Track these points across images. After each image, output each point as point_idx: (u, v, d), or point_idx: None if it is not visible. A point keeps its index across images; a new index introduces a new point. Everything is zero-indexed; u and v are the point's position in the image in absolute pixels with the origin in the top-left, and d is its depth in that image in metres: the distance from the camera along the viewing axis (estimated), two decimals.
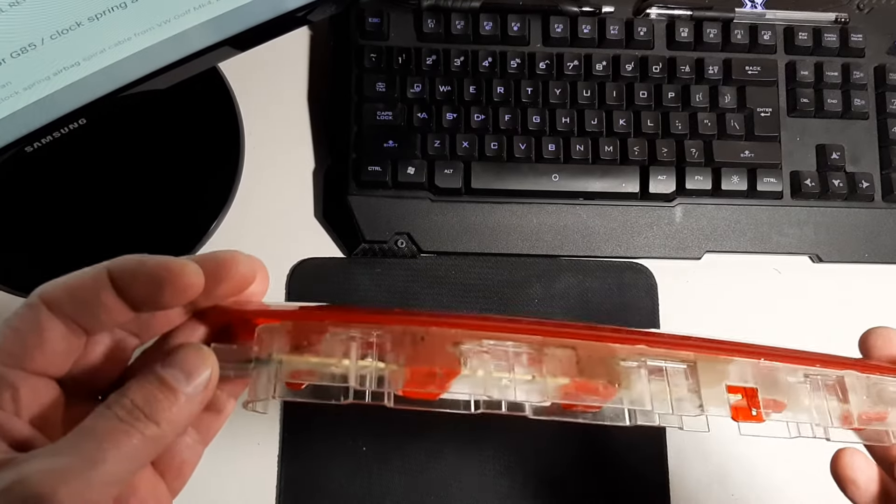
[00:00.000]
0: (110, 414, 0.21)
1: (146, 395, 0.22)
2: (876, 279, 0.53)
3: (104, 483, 0.20)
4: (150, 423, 0.21)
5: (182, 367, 0.22)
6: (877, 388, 0.29)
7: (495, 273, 0.51)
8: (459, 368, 0.25)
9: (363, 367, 0.25)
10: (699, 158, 0.52)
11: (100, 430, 0.21)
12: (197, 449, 0.26)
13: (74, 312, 0.22)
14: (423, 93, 0.51)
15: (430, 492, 0.46)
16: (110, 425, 0.21)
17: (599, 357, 0.26)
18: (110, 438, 0.21)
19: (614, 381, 0.26)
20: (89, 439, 0.21)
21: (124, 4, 0.34)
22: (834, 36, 0.54)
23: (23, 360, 0.22)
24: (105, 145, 0.49)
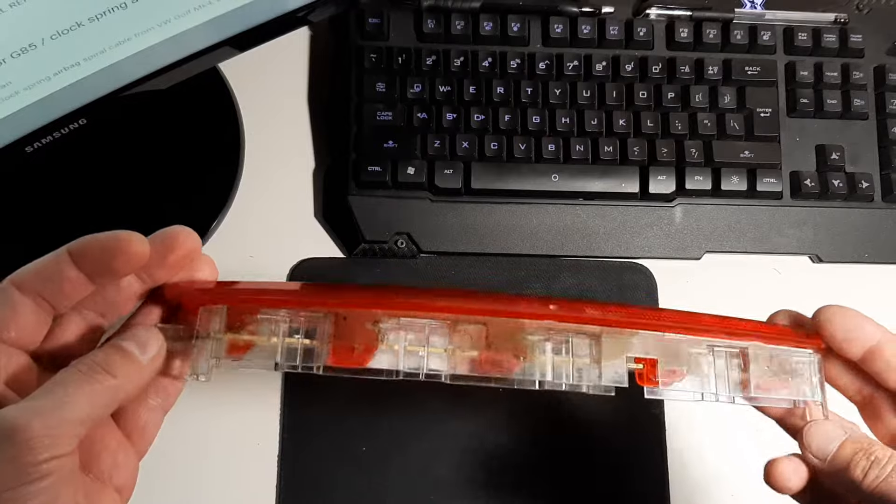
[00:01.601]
0: (74, 369, 0.25)
1: (106, 357, 0.26)
2: (876, 279, 0.53)
3: (71, 421, 0.23)
4: (108, 376, 0.25)
5: (136, 342, 0.26)
6: (779, 359, 0.32)
7: (495, 273, 0.51)
8: (377, 345, 0.29)
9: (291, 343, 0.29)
10: (699, 159, 0.52)
11: (66, 380, 0.24)
12: (158, 412, 0.29)
13: (41, 289, 0.26)
14: (423, 93, 0.51)
15: (430, 492, 0.46)
16: (75, 376, 0.25)
17: (508, 331, 0.29)
18: (76, 385, 0.24)
19: (519, 353, 0.29)
20: (58, 387, 0.24)
21: (124, 5, 0.34)
22: (833, 36, 0.54)
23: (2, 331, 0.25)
24: (105, 145, 0.49)
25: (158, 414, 0.29)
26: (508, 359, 0.29)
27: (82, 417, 0.24)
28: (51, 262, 0.26)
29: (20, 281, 0.26)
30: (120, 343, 0.26)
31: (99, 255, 0.26)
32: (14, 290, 0.26)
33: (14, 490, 0.22)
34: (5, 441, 0.22)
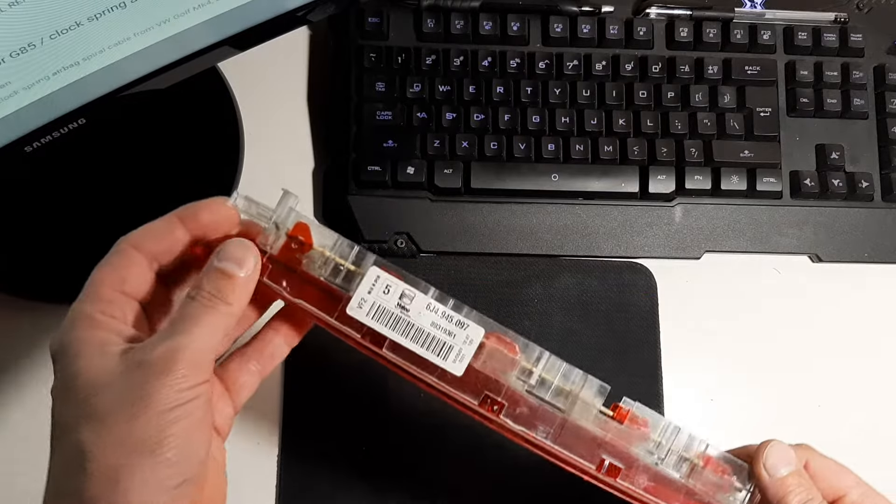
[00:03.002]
0: (196, 303, 0.28)
1: (216, 284, 0.29)
2: (876, 279, 0.53)
3: (206, 350, 0.28)
4: (223, 303, 0.29)
5: (234, 261, 0.30)
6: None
7: (495, 273, 0.51)
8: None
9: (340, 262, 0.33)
10: (699, 158, 0.52)
11: (189, 314, 0.28)
12: (256, 377, 0.34)
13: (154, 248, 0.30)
14: (422, 93, 0.51)
15: (430, 492, 0.46)
16: (198, 310, 0.28)
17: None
18: (199, 318, 0.28)
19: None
20: (185, 322, 0.28)
21: (124, 4, 0.34)
22: (833, 36, 0.54)
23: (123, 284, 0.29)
24: (105, 145, 0.49)
25: (255, 378, 0.34)
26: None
27: (213, 345, 0.28)
28: (163, 225, 0.30)
29: (137, 242, 0.30)
30: (222, 267, 0.29)
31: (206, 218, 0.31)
32: (132, 251, 0.30)
33: (175, 408, 0.26)
34: (162, 373, 0.26)
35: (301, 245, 0.33)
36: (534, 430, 0.33)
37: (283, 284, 0.32)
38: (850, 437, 0.50)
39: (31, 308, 0.48)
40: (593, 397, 0.33)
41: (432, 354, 0.32)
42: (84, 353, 0.27)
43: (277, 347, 0.34)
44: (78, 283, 0.49)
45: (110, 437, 0.25)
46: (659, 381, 0.49)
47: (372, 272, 0.33)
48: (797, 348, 0.52)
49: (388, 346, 0.32)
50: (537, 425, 0.33)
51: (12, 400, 0.47)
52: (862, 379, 0.52)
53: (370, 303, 0.32)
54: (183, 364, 0.27)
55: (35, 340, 0.48)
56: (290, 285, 0.32)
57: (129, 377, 0.26)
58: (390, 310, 0.32)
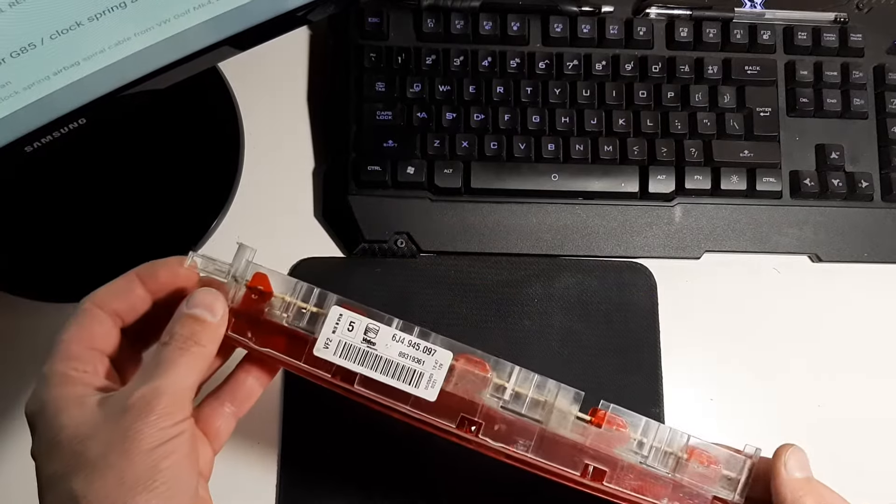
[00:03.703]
0: (168, 347, 0.30)
1: (189, 328, 0.30)
2: (875, 279, 0.53)
3: (186, 389, 0.29)
4: (197, 345, 0.30)
5: (204, 307, 0.31)
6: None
7: (495, 273, 0.51)
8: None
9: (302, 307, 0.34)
10: (698, 158, 0.52)
11: (164, 359, 0.29)
12: (231, 419, 0.34)
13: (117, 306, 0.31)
14: (422, 92, 0.51)
15: (431, 493, 0.46)
16: (174, 353, 0.29)
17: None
18: (175, 360, 0.29)
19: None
20: (160, 366, 0.29)
21: (124, 4, 0.34)
22: (833, 36, 0.54)
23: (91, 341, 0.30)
24: (105, 145, 0.49)
25: (231, 420, 0.34)
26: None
27: (190, 383, 0.29)
28: (123, 284, 0.32)
29: (100, 301, 0.31)
30: (193, 313, 0.31)
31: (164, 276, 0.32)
32: (97, 309, 0.31)
33: (162, 446, 0.27)
34: (145, 413, 0.27)
35: (261, 294, 0.33)
36: (514, 445, 0.33)
37: (248, 335, 0.33)
38: (850, 437, 0.50)
39: (31, 308, 0.48)
40: (569, 405, 0.33)
41: (403, 384, 0.33)
42: (64, 409, 0.28)
43: (251, 388, 0.35)
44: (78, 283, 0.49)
45: (103, 482, 0.26)
46: (659, 381, 0.49)
47: (334, 311, 0.33)
48: (797, 348, 0.52)
49: (359, 382, 0.33)
50: (516, 439, 0.33)
51: (13, 399, 0.47)
52: (862, 379, 0.52)
53: (336, 341, 0.33)
54: (163, 403, 0.28)
55: (36, 340, 0.48)
56: (254, 335, 0.33)
57: (112, 423, 0.27)
58: (357, 346, 0.33)
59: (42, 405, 0.29)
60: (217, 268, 0.33)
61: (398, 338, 0.33)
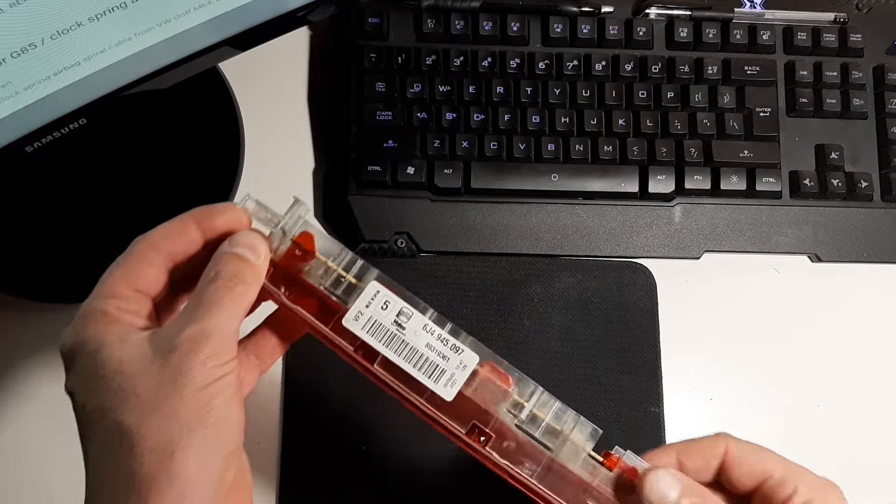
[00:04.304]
0: (213, 285, 0.29)
1: (233, 268, 0.30)
2: (875, 278, 0.53)
3: (233, 330, 0.29)
4: (241, 284, 0.30)
5: (246, 246, 0.31)
6: None
7: (495, 273, 0.51)
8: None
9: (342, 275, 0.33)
10: (698, 158, 0.52)
11: (209, 297, 0.29)
12: (255, 372, 0.34)
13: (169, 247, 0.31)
14: (422, 93, 0.51)
15: (430, 492, 0.47)
16: (217, 292, 0.29)
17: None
18: (220, 299, 0.29)
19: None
20: (206, 305, 0.29)
21: (124, 4, 0.34)
22: (833, 36, 0.55)
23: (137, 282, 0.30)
24: (105, 145, 0.49)
25: (255, 373, 0.34)
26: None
27: (236, 324, 0.29)
28: (178, 226, 0.31)
29: (154, 242, 0.31)
30: (237, 252, 0.30)
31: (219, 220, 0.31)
32: (150, 250, 0.30)
33: (212, 385, 0.27)
34: (194, 353, 0.27)
35: (304, 253, 0.32)
36: (519, 466, 0.32)
37: (283, 290, 0.32)
38: (850, 436, 0.50)
39: (31, 308, 0.48)
40: (584, 440, 0.32)
41: (424, 376, 0.32)
42: (107, 345, 0.28)
43: (273, 346, 0.35)
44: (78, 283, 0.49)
45: (157, 418, 0.26)
46: (658, 381, 0.49)
47: (372, 286, 0.32)
48: (797, 348, 0.52)
49: (380, 363, 0.32)
50: (523, 461, 0.32)
51: (14, 399, 0.47)
52: (861, 379, 0.52)
53: (367, 316, 0.32)
54: (212, 343, 0.28)
55: (36, 340, 0.48)
56: (288, 291, 0.32)
57: (160, 360, 0.27)
58: (386, 326, 0.32)
59: (82, 340, 0.28)
60: (268, 216, 0.33)
61: (429, 328, 0.32)
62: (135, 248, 0.31)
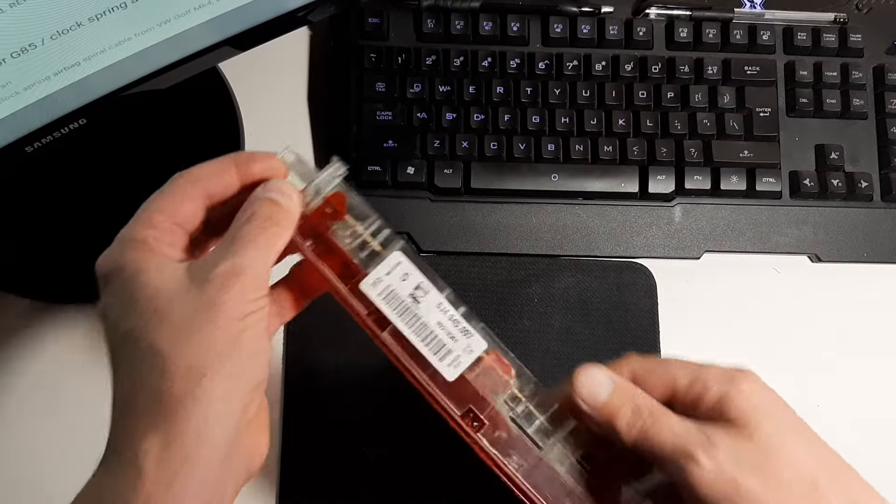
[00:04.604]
0: (249, 225, 0.30)
1: (267, 210, 0.31)
2: (875, 279, 0.53)
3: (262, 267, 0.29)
4: (274, 226, 0.30)
5: (279, 192, 0.31)
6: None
7: (495, 273, 0.51)
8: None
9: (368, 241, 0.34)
10: (698, 158, 0.52)
11: (244, 235, 0.30)
12: (276, 320, 0.34)
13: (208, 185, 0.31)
14: (422, 93, 0.51)
15: (431, 493, 0.47)
16: (252, 231, 0.30)
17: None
18: (256, 238, 0.30)
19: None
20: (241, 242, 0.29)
21: (124, 5, 0.34)
22: (833, 36, 0.54)
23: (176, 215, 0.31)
24: (105, 145, 0.49)
25: (276, 322, 0.34)
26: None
27: (269, 263, 0.30)
28: (218, 166, 0.32)
29: (194, 177, 0.31)
30: (271, 196, 0.31)
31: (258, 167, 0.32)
32: (189, 185, 0.31)
33: (246, 317, 0.28)
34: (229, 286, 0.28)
35: (334, 212, 0.33)
36: (506, 458, 0.32)
37: (309, 243, 0.33)
38: (850, 436, 0.50)
39: (31, 308, 0.48)
40: (576, 449, 0.33)
41: (430, 352, 0.32)
42: (144, 271, 0.29)
43: (285, 305, 0.35)
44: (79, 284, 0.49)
45: (189, 342, 0.27)
46: None
47: (395, 256, 0.33)
48: (796, 348, 0.52)
49: (390, 332, 0.32)
50: (511, 455, 0.32)
51: (14, 399, 0.47)
52: (861, 379, 0.52)
53: (385, 284, 0.32)
54: (247, 278, 0.28)
55: (36, 340, 0.48)
56: (314, 246, 0.33)
57: (196, 290, 0.28)
58: (402, 297, 0.32)
59: (119, 266, 0.29)
60: (305, 171, 0.33)
61: (443, 307, 0.33)
62: (175, 182, 0.31)
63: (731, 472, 0.28)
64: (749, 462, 0.29)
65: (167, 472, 0.26)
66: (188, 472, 0.26)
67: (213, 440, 0.27)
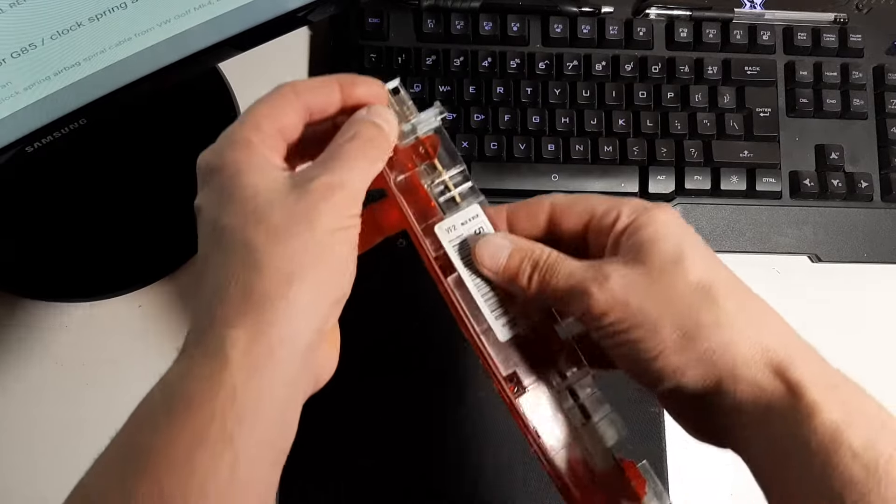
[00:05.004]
0: (350, 144, 0.30)
1: (368, 132, 0.31)
2: (875, 279, 0.53)
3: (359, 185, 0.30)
4: (374, 149, 0.31)
5: (382, 118, 0.31)
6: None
7: None
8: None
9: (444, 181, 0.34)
10: (698, 158, 0.52)
11: (345, 153, 0.30)
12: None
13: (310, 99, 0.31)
14: (422, 93, 0.51)
15: (430, 492, 0.46)
16: (353, 150, 0.30)
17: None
18: (356, 157, 0.30)
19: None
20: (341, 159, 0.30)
21: (124, 5, 0.34)
22: (833, 36, 0.54)
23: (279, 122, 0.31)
24: (105, 145, 0.49)
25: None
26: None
27: (366, 182, 0.30)
28: (323, 83, 0.32)
29: (299, 89, 0.31)
30: (375, 120, 0.31)
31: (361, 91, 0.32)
32: (293, 95, 0.31)
33: (339, 231, 0.28)
34: (327, 198, 0.28)
35: (425, 153, 0.34)
36: (542, 432, 0.32)
37: (394, 175, 0.33)
38: None
39: (31, 307, 0.48)
40: (611, 435, 0.33)
41: (487, 309, 0.33)
42: (246, 171, 0.29)
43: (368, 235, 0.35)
44: (79, 283, 0.49)
45: (284, 244, 0.27)
46: None
47: (474, 208, 0.33)
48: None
49: (454, 280, 0.33)
50: (549, 430, 0.32)
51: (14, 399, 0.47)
52: (861, 379, 0.51)
53: (458, 232, 0.33)
54: (344, 194, 0.29)
55: (36, 340, 0.48)
56: (399, 179, 0.33)
57: (296, 197, 0.28)
58: (472, 247, 0.33)
59: (222, 162, 0.30)
60: (406, 107, 0.34)
61: None
62: (279, 90, 0.31)
63: (622, 297, 0.30)
64: (641, 283, 0.30)
65: (253, 364, 0.26)
66: (273, 367, 0.27)
67: (296, 342, 0.27)
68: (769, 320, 0.32)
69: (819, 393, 0.28)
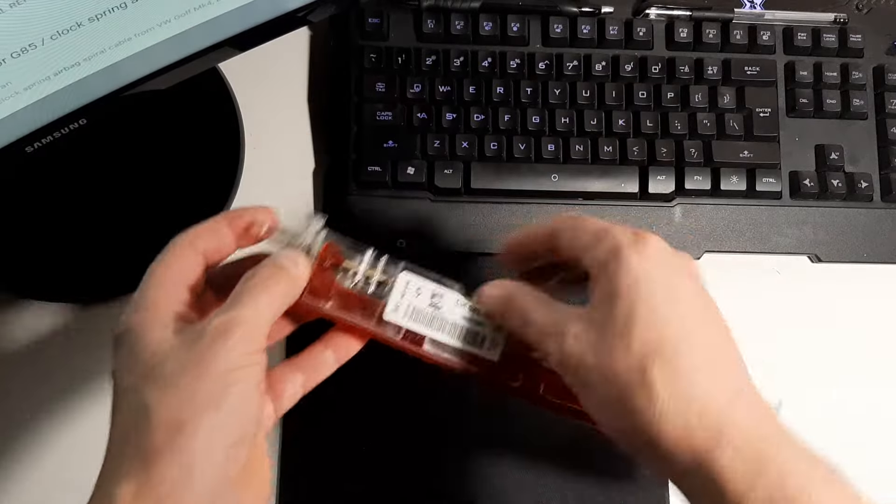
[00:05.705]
0: (250, 283, 0.31)
1: (271, 272, 0.32)
2: (875, 279, 0.53)
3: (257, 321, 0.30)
4: (276, 286, 0.31)
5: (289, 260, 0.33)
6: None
7: (495, 274, 0.50)
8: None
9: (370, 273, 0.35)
10: (698, 158, 0.52)
11: (245, 290, 0.31)
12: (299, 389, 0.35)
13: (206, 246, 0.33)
14: (422, 93, 0.51)
15: (430, 492, 0.47)
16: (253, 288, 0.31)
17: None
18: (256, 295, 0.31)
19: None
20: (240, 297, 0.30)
21: (124, 5, 0.34)
22: (833, 36, 0.55)
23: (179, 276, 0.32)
24: (105, 146, 0.49)
25: (299, 390, 0.35)
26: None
27: (268, 318, 0.31)
28: (213, 226, 0.33)
29: (192, 238, 0.32)
30: (279, 261, 0.32)
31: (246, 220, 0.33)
32: (187, 245, 0.32)
33: (234, 371, 0.28)
34: (221, 338, 0.29)
35: (332, 263, 0.35)
36: (573, 402, 0.33)
37: (321, 302, 0.34)
38: (850, 436, 0.50)
39: (31, 308, 0.48)
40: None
41: (469, 345, 0.35)
42: (147, 331, 0.30)
43: (325, 361, 0.36)
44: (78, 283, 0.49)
45: (174, 395, 0.28)
46: None
47: (402, 278, 0.35)
48: (796, 348, 0.52)
49: (428, 343, 0.35)
50: (578, 411, 0.33)
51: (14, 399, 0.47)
52: (861, 379, 0.52)
53: (405, 305, 0.35)
54: (240, 332, 0.29)
55: (36, 340, 0.48)
56: (328, 302, 0.34)
57: (189, 345, 0.29)
58: (424, 309, 0.35)
59: (127, 327, 0.30)
60: (290, 240, 0.34)
61: (461, 302, 0.35)
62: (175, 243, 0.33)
63: (575, 359, 0.31)
64: (593, 347, 0.31)
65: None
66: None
67: (193, 489, 0.27)
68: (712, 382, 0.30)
69: (740, 483, 0.28)
